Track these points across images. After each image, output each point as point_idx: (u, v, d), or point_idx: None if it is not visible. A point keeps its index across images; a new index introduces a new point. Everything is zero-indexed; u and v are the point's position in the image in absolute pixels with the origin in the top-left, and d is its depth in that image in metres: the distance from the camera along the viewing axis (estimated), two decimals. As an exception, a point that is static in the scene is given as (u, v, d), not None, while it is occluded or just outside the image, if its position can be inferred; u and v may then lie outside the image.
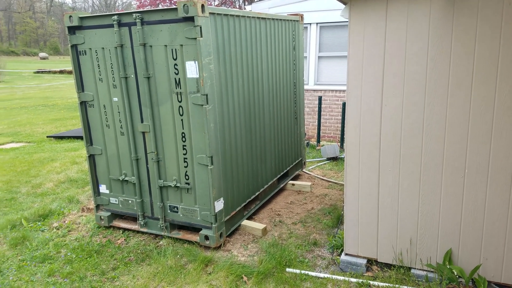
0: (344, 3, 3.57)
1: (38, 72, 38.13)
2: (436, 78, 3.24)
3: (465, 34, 3.11)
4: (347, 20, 8.30)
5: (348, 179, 3.70)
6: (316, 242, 4.45)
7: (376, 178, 3.60)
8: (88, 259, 4.31)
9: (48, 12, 78.17)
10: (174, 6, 3.90)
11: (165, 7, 3.99)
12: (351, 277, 3.72)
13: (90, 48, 4.38)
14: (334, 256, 4.12)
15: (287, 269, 3.91)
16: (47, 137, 10.62)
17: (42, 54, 61.97)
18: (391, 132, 3.47)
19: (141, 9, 3.95)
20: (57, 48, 72.42)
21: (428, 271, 3.60)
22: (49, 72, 38.25)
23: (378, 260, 3.81)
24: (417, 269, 3.65)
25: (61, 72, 37.88)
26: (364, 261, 3.80)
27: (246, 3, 24.57)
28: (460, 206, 3.41)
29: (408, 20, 3.23)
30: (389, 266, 3.80)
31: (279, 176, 5.97)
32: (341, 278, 3.70)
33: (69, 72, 37.26)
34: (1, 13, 71.89)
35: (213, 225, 4.32)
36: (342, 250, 4.09)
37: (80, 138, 10.25)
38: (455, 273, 3.45)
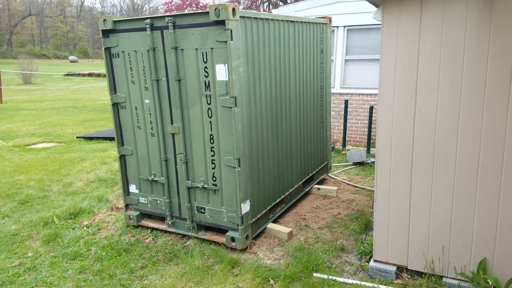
0: (376, 6, 3.53)
1: (68, 74, 39.37)
2: (473, 82, 3.16)
3: (503, 37, 3.02)
4: (375, 23, 8.27)
5: (378, 184, 3.65)
6: (343, 248, 4.40)
7: (408, 183, 3.53)
8: (117, 257, 4.41)
9: (78, 16, 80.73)
10: (206, 10, 3.95)
11: (197, 11, 4.05)
12: (380, 284, 3.65)
13: (123, 51, 4.50)
14: (362, 263, 4.06)
15: (314, 274, 3.88)
16: (77, 137, 10.93)
17: (71, 57, 64.04)
18: (424, 137, 3.40)
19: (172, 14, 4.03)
20: (86, 51, 74.68)
21: (461, 280, 3.50)
22: (79, 74, 39.43)
23: (409, 268, 3.73)
24: (449, 277, 3.55)
25: (89, 75, 39.01)
26: (393, 268, 3.73)
27: (271, 6, 24.66)
28: (495, 214, 3.30)
29: (443, 23, 3.17)
30: (419, 274, 3.71)
31: (304, 179, 5.94)
32: (370, 284, 3.64)
33: (98, 75, 38.34)
34: (34, 17, 74.74)
35: (239, 227, 4.33)
36: (370, 257, 4.02)
37: (109, 139, 10.51)
38: (490, 283, 3.33)
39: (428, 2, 3.18)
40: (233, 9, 3.85)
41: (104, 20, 4.45)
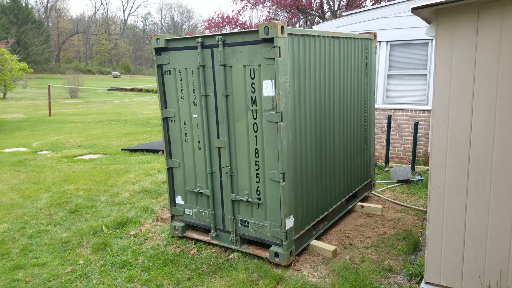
0: (429, 22, 3.49)
1: (111, 89, 41.21)
2: (534, 98, 3.03)
3: None
4: (418, 38, 8.14)
5: (432, 203, 3.54)
6: (391, 269, 4.27)
7: (464, 203, 3.40)
8: (163, 267, 4.50)
9: (122, 34, 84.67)
10: (254, 29, 4.06)
11: (246, 30, 4.17)
12: (433, 307, 3.51)
13: (174, 68, 4.68)
14: (412, 284, 3.93)
15: (362, 293, 3.79)
16: (122, 149, 11.36)
17: (114, 73, 67.06)
18: (481, 155, 3.28)
19: (220, 32, 4.16)
20: (128, 67, 78.01)
21: (522, 308, 3.30)
22: (121, 89, 41.18)
23: (463, 292, 3.56)
24: (509, 304, 3.35)
25: (132, 90, 40.65)
26: (446, 291, 3.58)
27: (309, 23, 24.81)
28: (561, 239, 3.11)
29: (501, 38, 3.07)
30: (475, 298, 3.53)
31: (347, 196, 5.85)
32: (421, 307, 3.50)
33: (139, 90, 39.87)
34: (80, 35, 79.19)
35: (283, 243, 4.32)
36: (421, 278, 3.88)
37: (152, 151, 10.84)
38: (555, 312, 3.12)
39: (485, 16, 3.11)
40: (282, 27, 3.93)
41: (157, 38, 4.66)
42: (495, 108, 3.19)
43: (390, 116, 8.24)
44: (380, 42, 8.59)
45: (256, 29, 4.02)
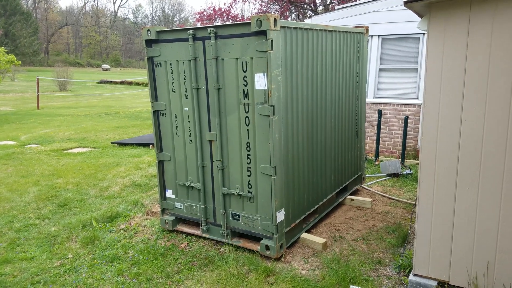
0: (421, 16, 3.49)
1: (100, 82, 40.73)
2: (523, 93, 3.06)
3: (557, 47, 2.92)
4: (410, 32, 8.17)
5: (421, 196, 3.57)
6: (380, 261, 4.31)
7: (452, 196, 3.43)
8: (154, 261, 4.48)
9: (112, 26, 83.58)
10: (247, 21, 4.02)
11: (239, 22, 4.13)
12: (421, 299, 3.56)
13: (165, 61, 4.63)
14: (401, 276, 3.97)
15: (352, 286, 3.81)
16: (111, 143, 11.25)
17: (104, 66, 66.27)
18: (471, 149, 3.31)
19: (212, 24, 4.12)
20: (118, 60, 77.12)
21: (508, 299, 3.36)
22: (111, 82, 40.73)
23: (450, 283, 3.61)
24: (495, 296, 3.41)
25: (122, 83, 40.23)
26: (434, 283, 3.62)
27: (301, 16, 24.76)
28: (547, 231, 3.16)
29: (493, 32, 3.09)
30: (462, 290, 3.59)
31: (338, 190, 5.88)
32: (410, 299, 3.55)
33: (129, 83, 39.47)
34: (69, 27, 77.99)
35: (274, 236, 4.33)
36: (409, 271, 3.93)
37: (142, 145, 10.76)
38: (540, 303, 3.18)
39: (477, 11, 3.12)
40: (275, 20, 3.90)
41: (148, 30, 4.60)
42: (485, 102, 3.21)
43: (381, 110, 8.28)
44: (372, 36, 8.60)
45: (248, 21, 3.98)
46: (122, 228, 5.39)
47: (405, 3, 3.22)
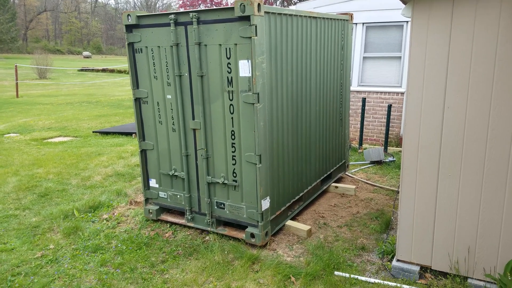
0: (405, 3, 3.47)
1: (82, 70, 39.80)
2: (505, 80, 3.09)
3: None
4: (394, 20, 8.17)
5: (404, 182, 3.60)
6: (364, 247, 4.36)
7: (435, 183, 3.48)
8: (137, 251, 4.44)
9: (92, 12, 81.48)
10: (230, 6, 3.94)
11: (222, 7, 4.04)
12: (403, 283, 3.62)
13: (146, 47, 4.51)
14: (384, 262, 4.03)
15: (336, 273, 3.85)
16: (93, 132, 11.03)
17: (85, 53, 64.72)
18: (453, 136, 3.34)
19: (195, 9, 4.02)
20: (99, 47, 75.40)
21: (487, 281, 3.44)
22: (92, 70, 39.84)
23: (432, 268, 3.68)
24: (475, 279, 3.49)
25: (103, 70, 39.38)
26: (417, 268, 3.69)
27: (285, 3, 24.55)
28: (525, 216, 3.24)
29: (475, 19, 3.10)
30: (443, 274, 3.66)
31: (322, 177, 5.91)
32: (393, 284, 3.60)
33: (111, 71, 38.68)
34: (48, 13, 75.69)
35: (259, 224, 4.33)
36: (392, 256, 3.98)
37: (124, 134, 10.59)
38: (518, 286, 3.27)
39: (460, -2, 3.12)
40: (259, 5, 3.83)
41: (128, 15, 4.47)
42: (467, 89, 3.24)
43: (365, 98, 8.32)
44: (356, 24, 8.59)
45: (232, 6, 3.90)
46: (105, 218, 5.31)
47: (390, -11, 3.19)
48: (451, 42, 3.20)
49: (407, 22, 8.14)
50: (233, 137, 4.32)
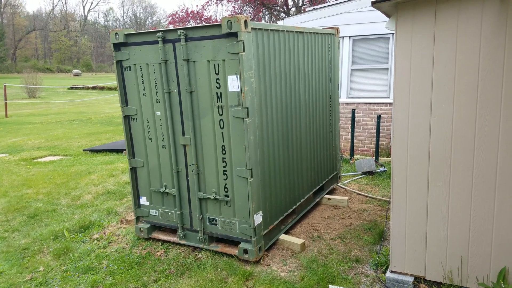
0: (388, 16, 3.54)
1: (71, 88, 39.65)
2: (489, 89, 3.15)
3: (519, 44, 3.02)
4: (381, 32, 8.32)
5: (395, 193, 3.62)
6: (358, 259, 4.34)
7: (425, 192, 3.49)
8: (129, 270, 4.36)
9: (82, 31, 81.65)
10: (218, 23, 3.98)
11: (209, 24, 4.08)
12: (398, 295, 3.60)
13: (135, 64, 4.52)
14: (378, 274, 4.01)
15: (330, 286, 3.82)
16: (83, 150, 10.94)
17: (75, 71, 64.60)
18: (440, 146, 3.38)
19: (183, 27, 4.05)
20: (89, 65, 75.35)
21: (481, 290, 3.44)
22: (82, 88, 39.72)
23: (426, 278, 3.67)
24: (469, 288, 3.49)
25: (93, 88, 39.29)
26: (411, 279, 3.67)
27: (274, 19, 24.88)
28: (515, 223, 3.26)
29: (458, 31, 3.17)
30: (437, 284, 3.65)
31: (315, 190, 5.90)
32: (388, 296, 3.58)
33: (101, 88, 38.61)
34: (38, 32, 75.65)
35: (252, 239, 4.29)
36: (387, 267, 3.97)
37: (115, 151, 10.52)
38: (511, 293, 3.27)
39: (442, 10, 3.19)
40: (245, 21, 3.88)
41: (116, 33, 4.49)
42: (453, 99, 3.29)
43: (354, 110, 8.40)
44: (343, 37, 8.72)
45: (219, 23, 3.94)
46: (95, 238, 5.22)
47: (373, 4, 3.26)
48: (435, 54, 3.26)
49: (392, 34, 8.29)
50: (223, 152, 4.31)
